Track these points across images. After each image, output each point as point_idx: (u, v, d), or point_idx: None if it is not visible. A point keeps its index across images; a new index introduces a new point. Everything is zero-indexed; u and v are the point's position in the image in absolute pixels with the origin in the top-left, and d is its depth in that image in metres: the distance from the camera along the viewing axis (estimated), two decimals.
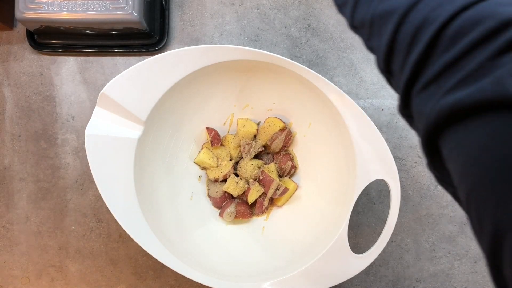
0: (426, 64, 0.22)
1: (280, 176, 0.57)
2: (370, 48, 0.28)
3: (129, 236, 0.46)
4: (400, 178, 0.48)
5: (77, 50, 0.59)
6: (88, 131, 0.46)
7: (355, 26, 0.29)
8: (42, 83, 0.59)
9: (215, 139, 0.55)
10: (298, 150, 0.58)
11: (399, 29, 0.23)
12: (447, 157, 0.21)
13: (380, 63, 0.26)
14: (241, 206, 0.56)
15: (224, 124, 0.58)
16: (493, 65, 0.18)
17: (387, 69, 0.26)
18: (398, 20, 0.23)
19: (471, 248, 0.57)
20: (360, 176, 0.48)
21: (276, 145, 0.55)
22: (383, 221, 0.48)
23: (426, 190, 0.57)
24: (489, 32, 0.19)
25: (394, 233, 0.57)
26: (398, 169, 0.47)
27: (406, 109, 0.25)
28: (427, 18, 0.22)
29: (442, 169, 0.22)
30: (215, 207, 0.57)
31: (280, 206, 0.57)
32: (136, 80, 0.46)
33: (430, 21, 0.21)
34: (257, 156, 0.57)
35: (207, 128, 0.56)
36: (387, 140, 0.57)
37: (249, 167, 0.55)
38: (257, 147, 0.55)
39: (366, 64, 0.58)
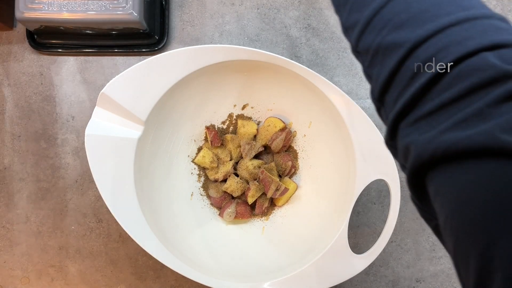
0: (423, 99, 0.22)
1: (280, 176, 0.57)
2: (368, 75, 0.28)
3: (129, 236, 0.46)
4: (400, 178, 0.48)
5: (77, 50, 0.59)
6: (88, 131, 0.46)
7: (358, 51, 0.29)
8: (42, 83, 0.59)
9: (215, 139, 0.55)
10: (298, 150, 0.57)
11: (404, 62, 0.24)
12: (435, 192, 0.21)
13: (375, 92, 0.27)
14: (241, 206, 0.56)
15: (224, 124, 0.58)
16: (491, 112, 0.19)
17: (380, 99, 0.26)
18: (404, 53, 0.23)
19: None
20: (360, 176, 0.48)
21: (276, 145, 0.55)
22: (383, 221, 0.48)
23: None
24: (490, 80, 0.20)
25: (394, 233, 0.57)
26: (398, 169, 0.47)
27: (392, 141, 0.25)
28: (433, 57, 0.22)
29: (425, 203, 0.23)
30: (215, 207, 0.57)
31: (280, 206, 0.57)
32: (136, 80, 0.46)
33: (435, 61, 0.22)
34: (257, 156, 0.57)
35: (207, 128, 0.56)
36: None
37: (249, 167, 0.55)
38: (257, 147, 0.55)
39: None
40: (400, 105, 0.23)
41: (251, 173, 0.55)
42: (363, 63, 0.29)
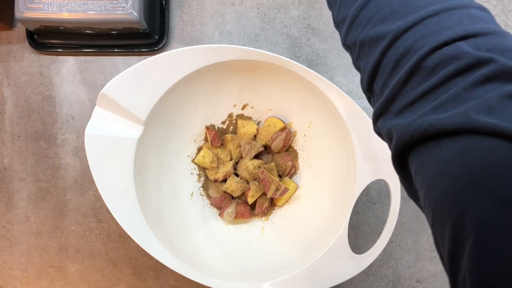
0: (405, 89, 0.24)
1: (280, 176, 0.57)
2: (357, 67, 0.30)
3: (129, 236, 0.46)
4: None
5: (77, 50, 0.59)
6: (88, 131, 0.46)
7: (347, 45, 0.31)
8: (42, 83, 0.59)
9: (215, 139, 0.55)
10: (298, 150, 0.57)
11: (386, 53, 0.25)
12: (415, 172, 0.22)
13: (364, 83, 0.28)
14: (241, 206, 0.56)
15: (224, 124, 0.58)
16: (468, 96, 0.21)
17: (369, 89, 0.28)
18: (386, 44, 0.25)
19: None
20: (360, 176, 0.48)
21: (276, 145, 0.55)
22: (383, 221, 0.48)
23: None
24: (466, 67, 0.21)
25: (394, 233, 0.57)
26: None
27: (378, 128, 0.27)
28: (412, 47, 0.24)
29: (410, 184, 0.24)
30: (215, 207, 0.57)
31: (280, 206, 0.57)
32: (136, 80, 0.46)
33: (414, 51, 0.23)
34: (257, 156, 0.57)
35: (207, 128, 0.56)
36: None
37: (249, 167, 0.55)
38: (257, 147, 0.55)
39: None
40: (385, 95, 0.25)
41: (251, 173, 0.55)
42: (352, 56, 0.30)
